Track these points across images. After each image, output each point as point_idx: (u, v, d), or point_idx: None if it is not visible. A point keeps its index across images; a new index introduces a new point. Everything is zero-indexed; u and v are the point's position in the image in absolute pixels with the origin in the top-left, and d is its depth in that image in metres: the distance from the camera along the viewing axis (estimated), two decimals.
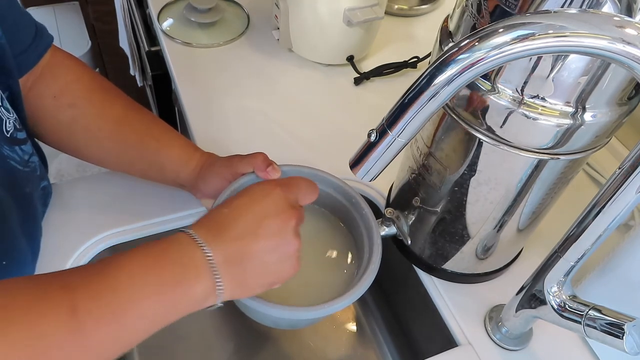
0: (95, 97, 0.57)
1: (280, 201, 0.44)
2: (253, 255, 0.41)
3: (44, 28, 0.56)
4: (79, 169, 1.69)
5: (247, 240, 0.41)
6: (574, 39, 0.30)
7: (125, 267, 0.37)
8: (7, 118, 0.49)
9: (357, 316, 0.77)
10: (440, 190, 0.52)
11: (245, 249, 0.41)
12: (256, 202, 0.43)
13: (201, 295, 0.40)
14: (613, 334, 0.42)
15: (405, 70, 0.87)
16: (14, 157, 0.50)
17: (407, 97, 0.36)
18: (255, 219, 0.42)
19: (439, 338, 0.60)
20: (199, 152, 0.59)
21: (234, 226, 0.41)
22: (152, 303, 0.37)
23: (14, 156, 0.50)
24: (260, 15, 0.94)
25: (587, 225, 0.41)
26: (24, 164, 0.52)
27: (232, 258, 0.41)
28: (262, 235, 0.42)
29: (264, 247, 0.42)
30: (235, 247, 0.41)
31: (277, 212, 0.43)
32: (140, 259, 0.39)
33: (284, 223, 0.43)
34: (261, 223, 0.42)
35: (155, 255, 0.39)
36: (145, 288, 0.37)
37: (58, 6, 1.76)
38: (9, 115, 0.49)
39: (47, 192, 0.60)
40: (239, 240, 0.41)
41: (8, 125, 0.49)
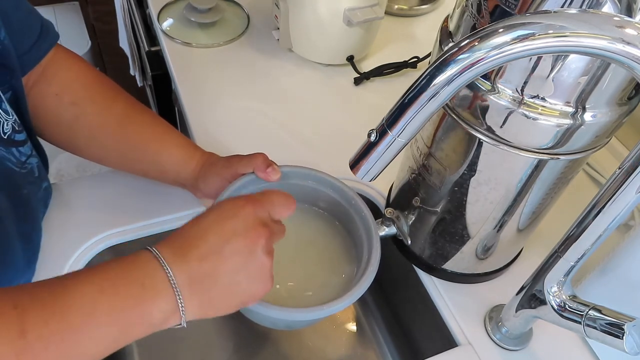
0: (97, 95, 0.58)
1: (249, 219, 0.42)
2: (218, 275, 0.40)
3: (50, 26, 0.56)
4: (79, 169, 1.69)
5: (212, 261, 0.40)
6: (574, 39, 0.30)
7: (79, 288, 0.36)
8: (5, 120, 0.49)
9: (357, 316, 0.77)
10: (440, 190, 0.52)
11: (210, 270, 0.40)
12: (223, 220, 0.41)
13: (159, 317, 0.38)
14: (613, 334, 0.42)
15: (405, 70, 0.87)
16: (10, 159, 0.50)
17: (407, 97, 0.36)
18: (221, 238, 0.40)
19: (439, 338, 0.60)
20: (200, 152, 0.59)
21: (199, 245, 0.40)
22: (104, 326, 0.36)
23: (10, 157, 0.50)
24: (260, 15, 0.94)
25: (587, 225, 0.41)
26: (20, 166, 0.52)
27: (196, 279, 0.39)
28: (228, 255, 0.40)
29: (230, 267, 0.40)
30: (200, 267, 0.39)
31: (246, 231, 0.41)
32: (97, 280, 0.37)
33: (252, 242, 0.41)
34: (227, 242, 0.40)
35: (114, 275, 0.38)
36: (98, 310, 0.36)
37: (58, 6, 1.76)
38: (7, 117, 0.49)
39: (47, 193, 0.60)
40: (203, 260, 0.39)
41: (6, 127, 0.49)
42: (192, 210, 0.64)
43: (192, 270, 0.39)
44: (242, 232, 0.41)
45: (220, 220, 0.41)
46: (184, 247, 0.40)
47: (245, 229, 0.41)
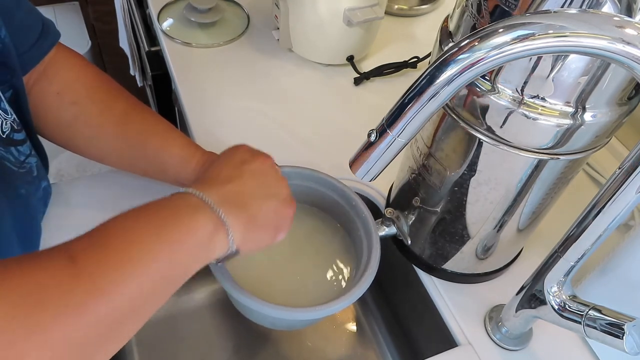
0: (97, 94, 0.58)
1: (250, 150, 0.49)
2: (247, 192, 0.43)
3: (51, 25, 0.56)
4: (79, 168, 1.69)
5: (236, 182, 0.43)
6: (574, 39, 0.30)
7: (113, 220, 0.37)
8: (4, 119, 0.49)
9: (357, 316, 0.77)
10: (440, 190, 0.52)
11: (237, 189, 0.43)
12: (230, 156, 0.48)
13: (205, 231, 0.38)
14: (613, 334, 0.42)
15: (405, 70, 0.87)
16: (8, 158, 0.50)
17: (407, 97, 0.36)
18: (235, 166, 0.45)
19: (439, 338, 0.60)
20: (200, 151, 0.59)
21: (219, 176, 0.44)
22: (150, 244, 0.35)
23: (8, 157, 0.50)
24: (260, 15, 0.94)
25: (587, 225, 0.41)
26: (18, 165, 0.52)
27: (228, 198, 0.41)
28: (247, 175, 0.44)
29: (254, 184, 0.44)
30: (227, 189, 0.42)
31: (252, 157, 0.47)
32: (129, 214, 0.37)
33: (262, 163, 0.47)
34: (242, 167, 0.45)
35: (145, 206, 0.38)
36: (138, 231, 0.36)
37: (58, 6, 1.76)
38: (6, 117, 0.49)
39: (46, 192, 0.60)
40: (227, 183, 0.43)
41: (5, 126, 0.49)
42: None
43: (220, 191, 0.42)
44: (251, 157, 0.47)
45: (227, 157, 0.47)
46: (205, 181, 0.44)
47: (252, 155, 0.48)
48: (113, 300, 0.33)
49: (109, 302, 0.32)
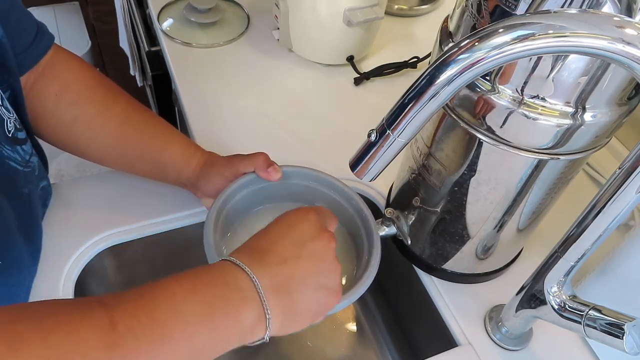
0: (97, 95, 0.58)
1: (317, 225, 0.43)
2: (298, 278, 0.40)
3: (45, 27, 0.56)
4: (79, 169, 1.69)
5: (291, 264, 0.40)
6: (574, 39, 0.30)
7: (163, 288, 0.36)
8: (7, 118, 0.49)
9: (357, 316, 0.77)
10: (440, 190, 0.52)
11: (290, 272, 0.40)
12: (293, 226, 0.43)
13: (249, 322, 0.37)
14: (613, 334, 0.42)
15: (405, 70, 0.87)
16: (15, 158, 0.50)
17: (407, 97, 0.36)
18: (295, 243, 0.41)
19: (439, 338, 0.60)
20: (200, 152, 0.59)
21: (275, 251, 0.41)
22: (193, 324, 0.35)
23: (15, 156, 0.50)
24: (260, 15, 0.94)
25: (587, 225, 0.41)
26: (24, 164, 0.52)
27: (278, 283, 0.39)
28: (305, 257, 0.41)
29: (308, 269, 0.41)
30: (280, 271, 0.40)
31: (316, 235, 0.42)
32: (181, 280, 0.37)
33: (325, 245, 0.42)
34: (302, 246, 0.41)
35: (196, 277, 0.37)
36: (187, 307, 0.35)
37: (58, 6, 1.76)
38: (9, 115, 0.49)
39: (46, 192, 0.60)
40: (282, 264, 0.40)
41: (9, 125, 0.49)
42: (192, 210, 0.64)
43: (273, 274, 0.39)
44: (314, 236, 0.42)
45: (290, 227, 0.43)
46: (261, 253, 0.40)
47: (315, 233, 0.43)
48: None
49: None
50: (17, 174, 0.51)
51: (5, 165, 0.49)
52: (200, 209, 0.64)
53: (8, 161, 0.49)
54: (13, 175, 0.50)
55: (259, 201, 0.59)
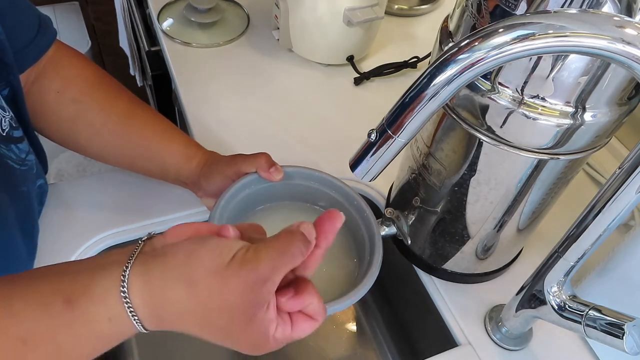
0: (98, 92, 0.58)
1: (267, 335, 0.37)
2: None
3: (48, 21, 0.56)
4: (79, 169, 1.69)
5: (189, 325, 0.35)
6: (574, 39, 0.30)
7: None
8: (2, 117, 0.49)
9: (357, 316, 0.77)
10: (440, 190, 0.52)
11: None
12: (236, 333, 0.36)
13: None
14: (613, 334, 0.42)
15: (405, 70, 0.87)
16: (10, 156, 0.50)
17: (407, 97, 0.36)
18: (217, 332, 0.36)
19: (439, 338, 0.60)
20: (202, 150, 0.60)
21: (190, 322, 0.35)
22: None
23: (10, 155, 0.50)
24: (260, 15, 0.94)
25: (587, 225, 0.41)
26: (20, 163, 0.52)
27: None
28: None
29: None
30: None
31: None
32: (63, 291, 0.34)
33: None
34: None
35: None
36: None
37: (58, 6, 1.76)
38: (4, 114, 0.49)
39: (43, 190, 0.60)
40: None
41: (4, 124, 0.49)
42: (192, 210, 0.64)
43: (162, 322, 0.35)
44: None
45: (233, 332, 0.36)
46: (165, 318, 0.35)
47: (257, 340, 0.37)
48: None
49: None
50: (14, 172, 0.51)
51: (2, 163, 0.49)
52: (201, 208, 0.64)
53: (4, 159, 0.49)
54: (9, 174, 0.50)
55: (261, 201, 0.59)
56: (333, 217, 0.38)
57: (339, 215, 0.38)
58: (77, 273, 0.34)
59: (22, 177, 0.52)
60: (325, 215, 0.38)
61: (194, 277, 0.34)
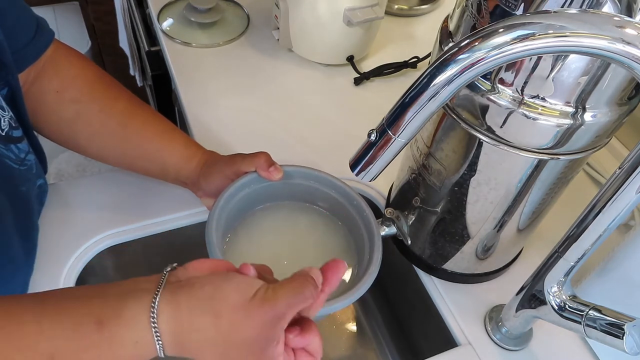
0: (98, 92, 0.58)
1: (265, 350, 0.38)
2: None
3: (45, 23, 0.56)
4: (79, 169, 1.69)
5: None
6: (574, 39, 0.30)
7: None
8: (1, 117, 0.49)
9: (357, 316, 0.77)
10: (440, 190, 0.52)
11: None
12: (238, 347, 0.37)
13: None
14: (613, 334, 0.42)
15: (405, 70, 0.87)
16: (9, 156, 0.50)
17: (407, 97, 0.36)
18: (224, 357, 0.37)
19: (439, 338, 0.60)
20: (202, 150, 0.60)
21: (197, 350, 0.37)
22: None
23: (9, 154, 0.50)
24: (260, 15, 0.94)
25: (587, 225, 0.41)
26: (19, 163, 0.52)
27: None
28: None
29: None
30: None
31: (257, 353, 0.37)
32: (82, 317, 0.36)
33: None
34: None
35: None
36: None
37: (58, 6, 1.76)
38: (3, 114, 0.49)
39: (43, 190, 0.60)
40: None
41: (3, 123, 0.49)
42: (192, 210, 0.64)
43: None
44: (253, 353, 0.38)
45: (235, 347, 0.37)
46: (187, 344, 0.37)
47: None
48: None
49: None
50: (13, 172, 0.51)
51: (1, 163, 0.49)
52: (201, 208, 0.64)
53: (3, 159, 0.49)
54: (9, 174, 0.50)
55: (260, 200, 0.59)
56: (338, 268, 0.41)
57: (343, 265, 0.42)
58: (107, 297, 0.37)
59: (22, 177, 0.52)
60: (331, 264, 0.42)
61: (219, 310, 0.36)
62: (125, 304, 0.36)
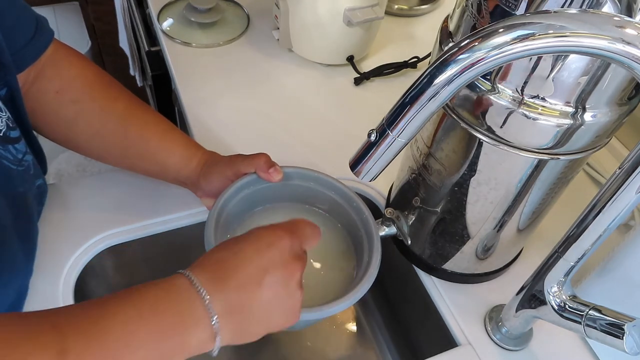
0: (98, 93, 0.57)
1: (286, 251, 0.42)
2: (255, 305, 0.40)
3: (45, 22, 0.56)
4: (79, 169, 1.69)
5: (250, 290, 0.40)
6: (574, 39, 0.30)
7: (119, 312, 0.35)
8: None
9: (357, 316, 0.77)
10: (440, 190, 0.52)
11: (248, 299, 0.39)
12: (262, 251, 0.41)
13: (195, 345, 0.38)
14: (613, 334, 0.42)
15: (405, 70, 0.87)
16: (7, 157, 0.50)
17: (407, 97, 0.36)
18: (259, 270, 0.40)
19: (439, 338, 0.60)
20: (202, 151, 0.59)
21: (238, 276, 0.40)
22: (146, 352, 0.35)
23: (7, 155, 0.50)
24: (260, 15, 0.94)
25: (587, 225, 0.41)
26: (17, 163, 0.52)
27: (233, 308, 0.39)
28: (266, 285, 0.40)
29: (266, 297, 0.40)
30: (237, 296, 0.39)
31: (284, 263, 0.41)
32: (136, 304, 0.36)
33: (289, 274, 0.41)
34: (266, 273, 0.40)
35: (151, 301, 0.37)
36: (139, 336, 0.35)
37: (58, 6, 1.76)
38: (1, 115, 0.49)
39: (42, 190, 0.60)
40: (241, 289, 0.39)
41: (0, 124, 0.49)
42: (192, 210, 0.64)
43: (230, 300, 0.39)
44: (280, 265, 0.41)
45: (258, 252, 0.41)
46: (223, 276, 0.39)
47: (283, 262, 0.41)
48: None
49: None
50: (11, 172, 0.51)
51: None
52: (201, 209, 0.64)
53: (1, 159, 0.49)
54: (6, 174, 0.50)
55: (260, 202, 0.59)
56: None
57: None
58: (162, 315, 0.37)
59: (19, 178, 0.52)
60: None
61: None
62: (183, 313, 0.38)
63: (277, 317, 0.42)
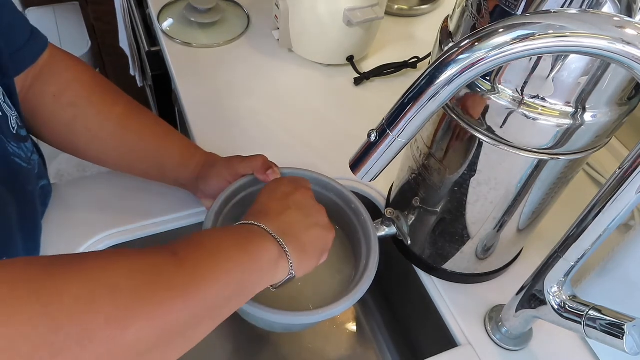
0: (95, 96, 0.57)
1: (290, 184, 0.51)
2: (295, 223, 0.47)
3: (38, 31, 0.56)
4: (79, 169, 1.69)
5: (285, 214, 0.47)
6: (574, 39, 0.30)
7: (205, 235, 0.42)
8: (10, 115, 0.49)
9: (357, 316, 0.77)
10: (440, 191, 0.52)
11: (287, 221, 0.47)
12: (273, 191, 0.51)
13: (273, 255, 0.43)
14: (613, 334, 0.42)
15: (405, 70, 0.87)
16: (20, 154, 0.50)
17: (407, 97, 0.36)
18: (280, 200, 0.49)
19: (439, 338, 0.60)
20: (200, 152, 0.59)
21: (269, 211, 0.48)
22: (236, 254, 0.41)
23: (20, 153, 0.50)
24: (260, 15, 0.94)
25: (587, 225, 0.41)
26: (27, 162, 0.52)
27: (283, 230, 0.45)
28: (293, 207, 0.48)
29: (299, 215, 0.48)
30: (280, 222, 0.46)
31: (294, 190, 0.51)
32: (214, 233, 0.45)
33: (303, 194, 0.51)
34: (287, 200, 0.49)
35: (224, 231, 0.45)
36: (227, 242, 0.41)
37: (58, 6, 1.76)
38: (11, 112, 0.49)
39: (46, 191, 0.60)
40: (279, 216, 0.47)
41: (12, 121, 0.49)
42: (192, 210, 0.64)
43: (276, 224, 0.46)
44: (293, 190, 0.51)
45: (272, 191, 0.51)
46: (260, 215, 0.47)
47: (292, 188, 0.51)
48: (206, 294, 0.37)
49: (206, 292, 0.37)
50: (22, 171, 0.51)
51: (11, 162, 0.49)
52: (200, 209, 0.64)
53: (14, 158, 0.49)
54: (18, 173, 0.50)
55: None
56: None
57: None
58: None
59: (28, 177, 0.52)
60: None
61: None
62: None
63: (317, 231, 0.49)
